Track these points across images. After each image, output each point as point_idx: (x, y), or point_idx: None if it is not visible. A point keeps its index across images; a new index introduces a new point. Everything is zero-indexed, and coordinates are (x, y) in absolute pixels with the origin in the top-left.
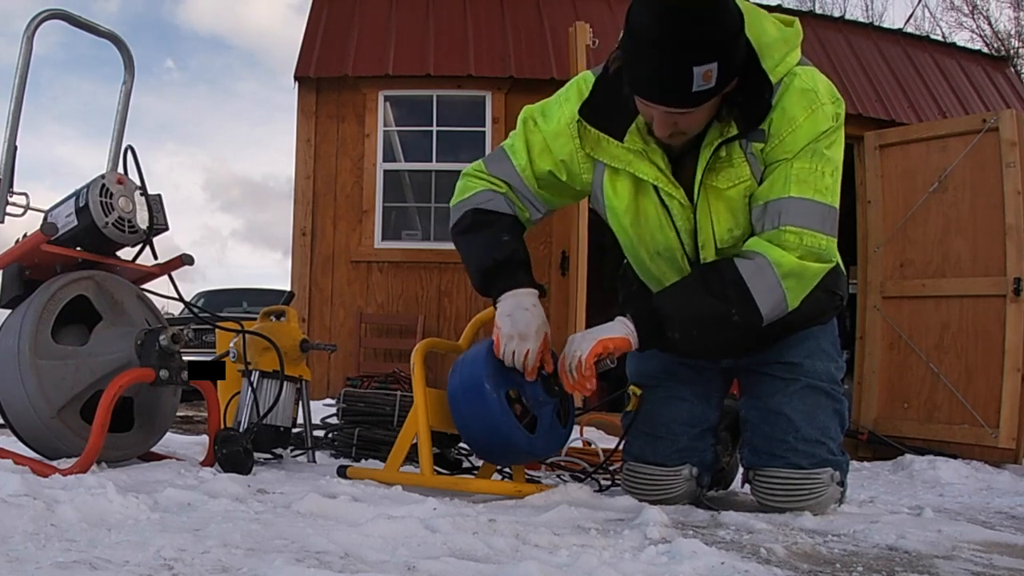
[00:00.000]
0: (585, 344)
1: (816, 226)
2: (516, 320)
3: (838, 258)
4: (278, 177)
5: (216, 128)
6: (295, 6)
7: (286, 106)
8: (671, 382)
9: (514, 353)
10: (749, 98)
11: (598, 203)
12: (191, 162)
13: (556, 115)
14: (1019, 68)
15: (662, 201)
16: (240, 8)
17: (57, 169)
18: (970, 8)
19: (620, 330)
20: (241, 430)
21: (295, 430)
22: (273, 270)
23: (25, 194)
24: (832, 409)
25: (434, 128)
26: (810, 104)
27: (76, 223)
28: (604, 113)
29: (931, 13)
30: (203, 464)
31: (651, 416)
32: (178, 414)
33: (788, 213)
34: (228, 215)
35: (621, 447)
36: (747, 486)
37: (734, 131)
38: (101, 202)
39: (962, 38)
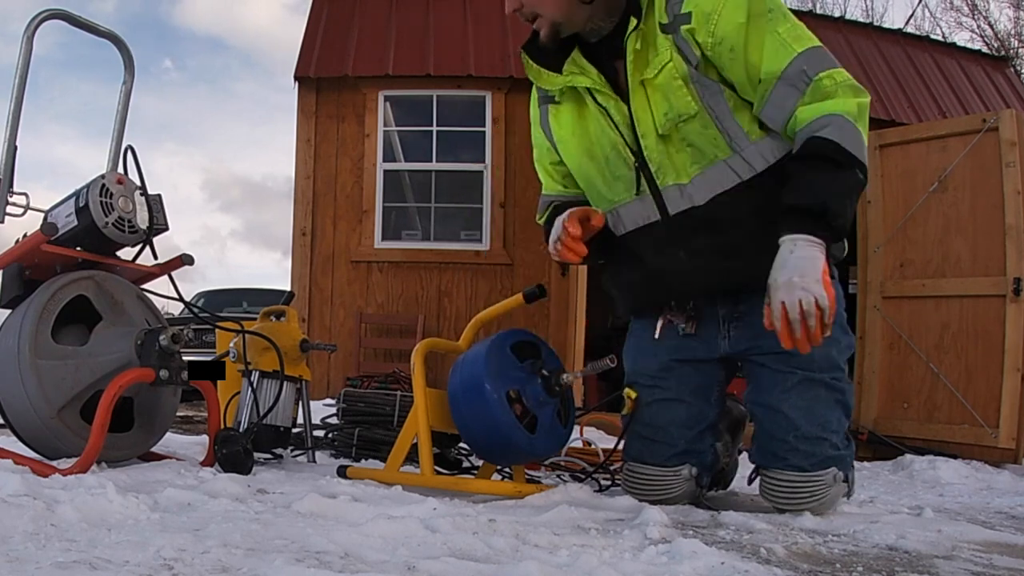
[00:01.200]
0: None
1: (834, 64)
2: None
3: None
4: (277, 177)
5: (215, 128)
6: (291, 6)
7: (285, 106)
8: (668, 381)
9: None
10: None
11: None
12: (190, 162)
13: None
14: (1019, 68)
15: (600, 105)
16: (237, 8)
17: (57, 169)
18: (970, 8)
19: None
20: (241, 430)
21: (295, 430)
22: (273, 270)
23: (25, 194)
24: (832, 400)
25: (434, 128)
26: None
27: (76, 223)
28: (543, 54)
29: (931, 13)
30: (203, 464)
31: (648, 419)
32: (178, 414)
33: (810, 64)
34: (227, 215)
35: (620, 447)
36: (751, 484)
37: (633, 23)
38: (101, 202)
39: (962, 38)
